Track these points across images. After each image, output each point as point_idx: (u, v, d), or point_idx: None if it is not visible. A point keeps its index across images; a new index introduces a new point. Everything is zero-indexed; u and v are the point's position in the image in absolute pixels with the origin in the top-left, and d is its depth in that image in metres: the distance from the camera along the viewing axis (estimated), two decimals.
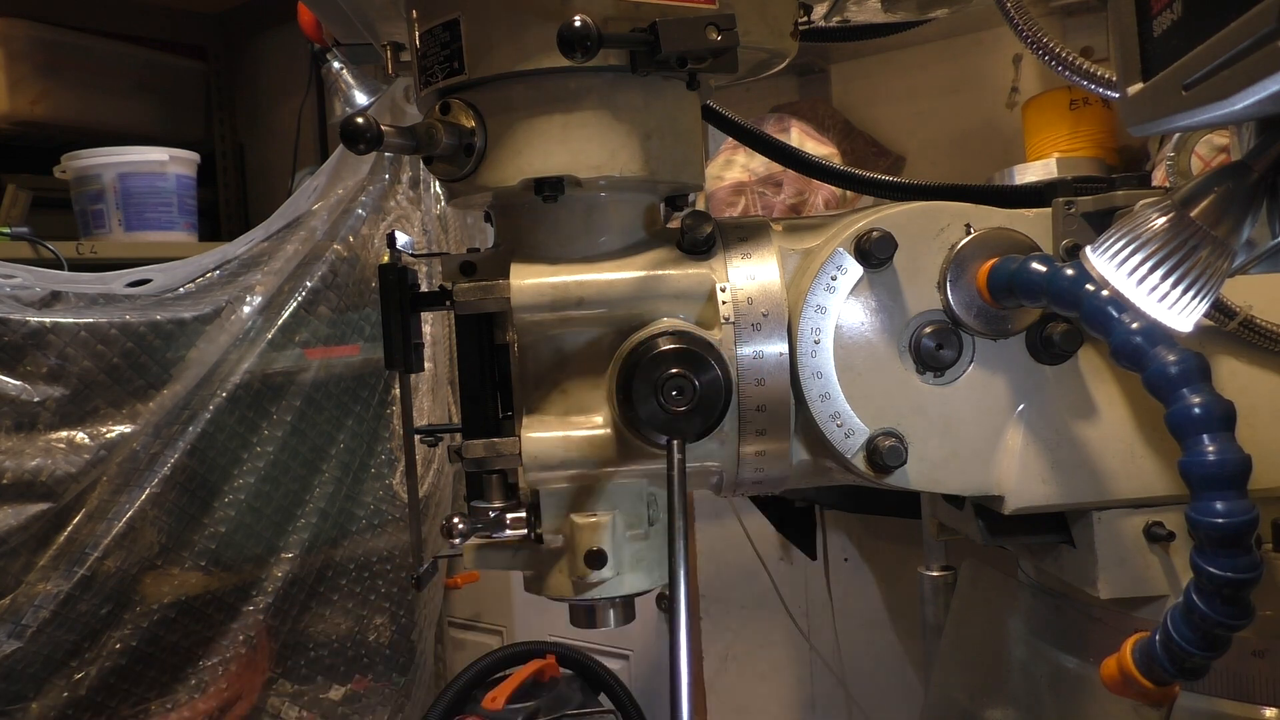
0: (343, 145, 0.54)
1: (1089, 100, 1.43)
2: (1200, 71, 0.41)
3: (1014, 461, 0.69)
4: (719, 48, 0.62)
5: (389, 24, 0.82)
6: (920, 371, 0.69)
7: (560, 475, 0.68)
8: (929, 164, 1.77)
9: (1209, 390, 0.53)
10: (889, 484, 0.69)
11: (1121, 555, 0.70)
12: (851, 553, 1.70)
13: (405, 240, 0.74)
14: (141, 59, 2.54)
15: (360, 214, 1.91)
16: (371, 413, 1.96)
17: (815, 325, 0.67)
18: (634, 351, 0.66)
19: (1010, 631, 0.84)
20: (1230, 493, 0.52)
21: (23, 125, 2.30)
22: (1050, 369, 0.70)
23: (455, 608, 2.24)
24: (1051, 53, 0.68)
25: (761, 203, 1.59)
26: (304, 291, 1.84)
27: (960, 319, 0.68)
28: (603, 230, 0.70)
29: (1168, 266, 0.50)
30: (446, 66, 0.68)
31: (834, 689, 1.73)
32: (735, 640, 1.84)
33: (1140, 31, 0.48)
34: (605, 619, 0.73)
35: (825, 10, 0.90)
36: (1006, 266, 0.65)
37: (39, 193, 2.19)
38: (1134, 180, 0.69)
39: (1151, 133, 0.49)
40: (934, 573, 1.28)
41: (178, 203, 2.18)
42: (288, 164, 2.56)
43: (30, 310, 1.57)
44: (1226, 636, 0.54)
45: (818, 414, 0.67)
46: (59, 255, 1.91)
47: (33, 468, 1.55)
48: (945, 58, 1.72)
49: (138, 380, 1.67)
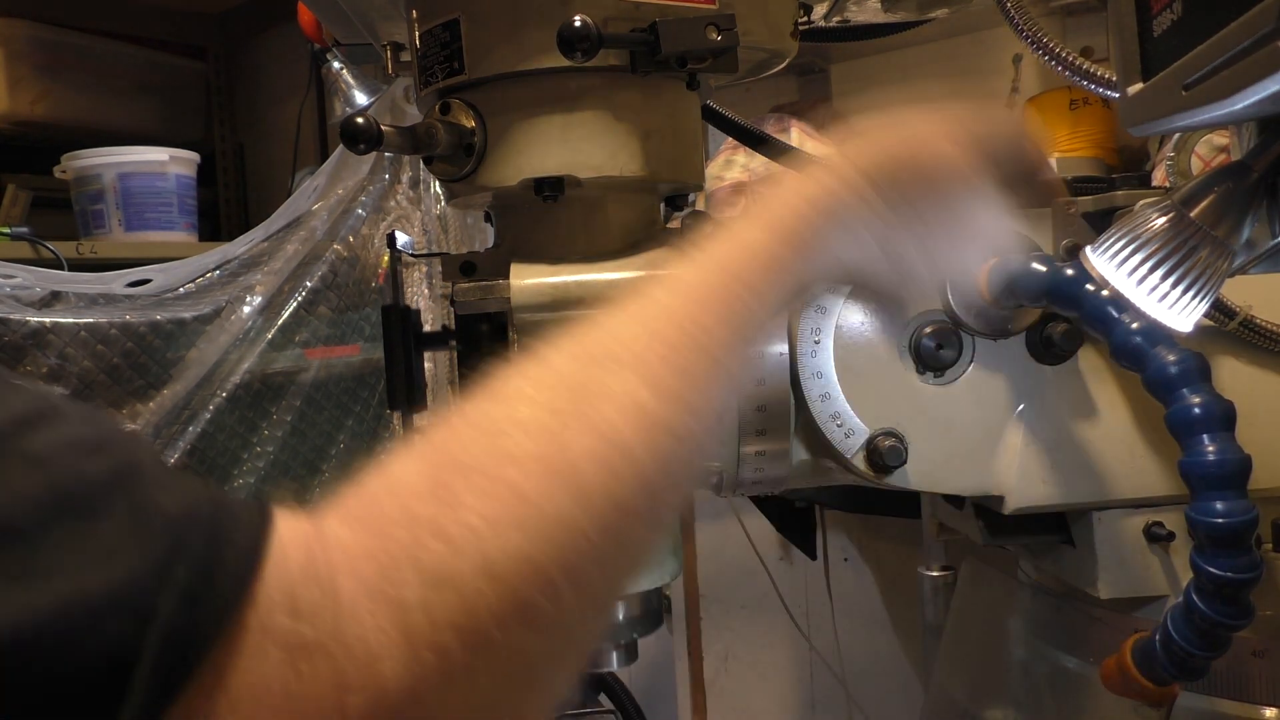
0: (343, 145, 0.55)
1: (1089, 100, 1.43)
2: (1200, 71, 0.41)
3: (1014, 461, 0.69)
4: (719, 48, 0.62)
5: (389, 24, 0.82)
6: (920, 371, 0.69)
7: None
8: None
9: (1209, 390, 0.53)
10: (889, 484, 0.69)
11: (1121, 555, 0.70)
12: (851, 553, 1.70)
13: (405, 240, 0.75)
14: (141, 59, 2.54)
15: (360, 214, 1.90)
16: (371, 413, 1.96)
17: (815, 325, 0.67)
18: None
19: (1010, 631, 0.84)
20: (1230, 493, 0.52)
21: (23, 125, 2.30)
22: (1050, 369, 0.70)
23: None
24: (1051, 53, 0.68)
25: None
26: (304, 291, 1.84)
27: (960, 319, 0.68)
28: (603, 230, 0.70)
29: (1168, 266, 0.50)
30: (446, 66, 0.68)
31: (834, 689, 1.72)
32: (735, 640, 1.84)
33: (1140, 31, 0.48)
34: (609, 660, 0.74)
35: (825, 10, 0.90)
36: (1006, 266, 0.65)
37: (39, 193, 2.18)
38: (1134, 180, 0.69)
39: (1151, 133, 0.49)
40: (934, 573, 1.28)
41: (178, 203, 2.18)
42: (288, 164, 2.56)
43: (30, 310, 1.57)
44: (1226, 636, 0.54)
45: (818, 414, 0.67)
46: (59, 255, 1.91)
47: None
48: (945, 58, 1.72)
49: (138, 380, 1.67)
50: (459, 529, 0.36)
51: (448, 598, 0.35)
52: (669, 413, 0.42)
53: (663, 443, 0.41)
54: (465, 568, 0.35)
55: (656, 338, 0.44)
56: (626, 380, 0.42)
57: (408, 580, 0.35)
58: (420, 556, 0.35)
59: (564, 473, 0.38)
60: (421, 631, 0.34)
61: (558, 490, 0.38)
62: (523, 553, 0.36)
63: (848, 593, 1.70)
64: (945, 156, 0.56)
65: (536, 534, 0.37)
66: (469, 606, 0.35)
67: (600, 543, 0.38)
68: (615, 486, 0.39)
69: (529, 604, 0.36)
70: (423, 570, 0.35)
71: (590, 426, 0.40)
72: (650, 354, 0.43)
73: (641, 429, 0.41)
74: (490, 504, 0.37)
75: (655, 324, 0.44)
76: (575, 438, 0.39)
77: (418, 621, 0.34)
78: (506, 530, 0.36)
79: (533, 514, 0.37)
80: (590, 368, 0.42)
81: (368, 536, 0.36)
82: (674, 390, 0.42)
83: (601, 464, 0.39)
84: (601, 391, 0.41)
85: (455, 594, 0.35)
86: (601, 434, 0.40)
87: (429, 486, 0.38)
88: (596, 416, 0.40)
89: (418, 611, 0.34)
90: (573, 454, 0.39)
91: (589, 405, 0.41)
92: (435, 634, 0.34)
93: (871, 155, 0.55)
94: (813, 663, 1.76)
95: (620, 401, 0.41)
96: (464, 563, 0.35)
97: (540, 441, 0.39)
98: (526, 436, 0.39)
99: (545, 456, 0.38)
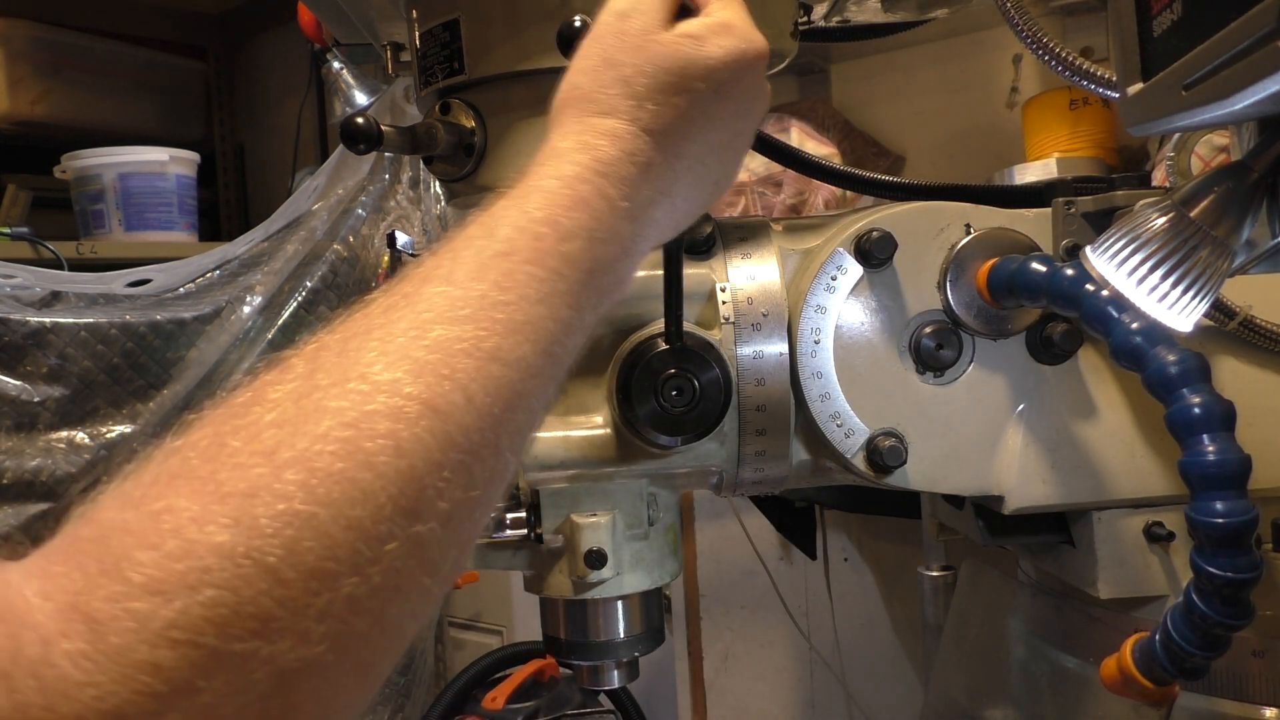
0: (343, 145, 0.55)
1: (1089, 100, 1.43)
2: (1200, 71, 0.41)
3: (1014, 461, 0.69)
4: None
5: (389, 24, 0.82)
6: (920, 371, 0.69)
7: (560, 475, 0.68)
8: (929, 164, 1.77)
9: (1209, 390, 0.53)
10: (889, 484, 0.69)
11: (1121, 555, 0.70)
12: (851, 553, 1.70)
13: (405, 240, 0.75)
14: (141, 59, 2.54)
15: (360, 214, 1.90)
16: None
17: (815, 325, 0.67)
18: (634, 351, 0.66)
19: (1010, 631, 0.84)
20: (1230, 493, 0.52)
21: (23, 125, 2.30)
22: (1050, 369, 0.70)
23: (455, 608, 2.24)
24: (1051, 53, 0.68)
25: (761, 203, 1.59)
26: (304, 291, 1.84)
27: (960, 319, 0.68)
28: None
29: (1168, 266, 0.50)
30: (446, 66, 0.68)
31: (834, 689, 1.72)
32: (735, 640, 1.84)
33: (1140, 31, 0.48)
34: (609, 679, 0.74)
35: (825, 10, 0.90)
36: (1006, 266, 0.65)
37: (39, 193, 2.18)
38: (1134, 180, 0.69)
39: (1151, 133, 0.49)
40: (934, 573, 1.28)
41: (178, 203, 2.18)
42: (288, 164, 2.56)
43: (30, 310, 1.57)
44: (1226, 636, 0.54)
45: (818, 414, 0.67)
46: (59, 255, 1.91)
47: (33, 468, 1.55)
48: (945, 58, 1.72)
49: (138, 380, 1.67)
50: (168, 536, 0.32)
51: (158, 611, 0.31)
52: (429, 394, 0.38)
53: (425, 425, 0.37)
54: (175, 576, 0.32)
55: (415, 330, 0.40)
56: (369, 367, 0.38)
57: (111, 595, 0.31)
58: (123, 569, 0.32)
59: (294, 464, 0.35)
60: (129, 650, 0.31)
61: (291, 484, 0.34)
62: (239, 551, 0.32)
63: (848, 593, 1.70)
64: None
65: (253, 530, 0.33)
66: (184, 618, 0.31)
67: (344, 538, 0.35)
68: (362, 475, 0.35)
69: (258, 608, 0.32)
70: (127, 583, 0.31)
71: (328, 412, 0.36)
72: (403, 337, 0.39)
73: (389, 414, 0.37)
74: (202, 502, 0.33)
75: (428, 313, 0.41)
76: (312, 426, 0.36)
77: (123, 640, 0.31)
78: (218, 531, 0.33)
79: (259, 509, 0.33)
80: (343, 355, 0.39)
81: (62, 559, 0.33)
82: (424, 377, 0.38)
83: (347, 451, 0.36)
84: (342, 380, 0.37)
85: (167, 605, 0.31)
86: (345, 421, 0.36)
87: (140, 494, 0.35)
88: (335, 405, 0.37)
89: (123, 629, 0.31)
90: (305, 444, 0.35)
91: (327, 396, 0.37)
92: (148, 651, 0.31)
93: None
94: (813, 662, 1.76)
95: (353, 396, 0.37)
96: (175, 570, 0.32)
97: (268, 440, 0.36)
98: (256, 431, 0.36)
99: (271, 450, 0.35)
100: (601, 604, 0.71)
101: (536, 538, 0.70)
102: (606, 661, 0.72)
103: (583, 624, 0.71)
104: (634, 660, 0.73)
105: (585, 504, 0.69)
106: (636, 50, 0.52)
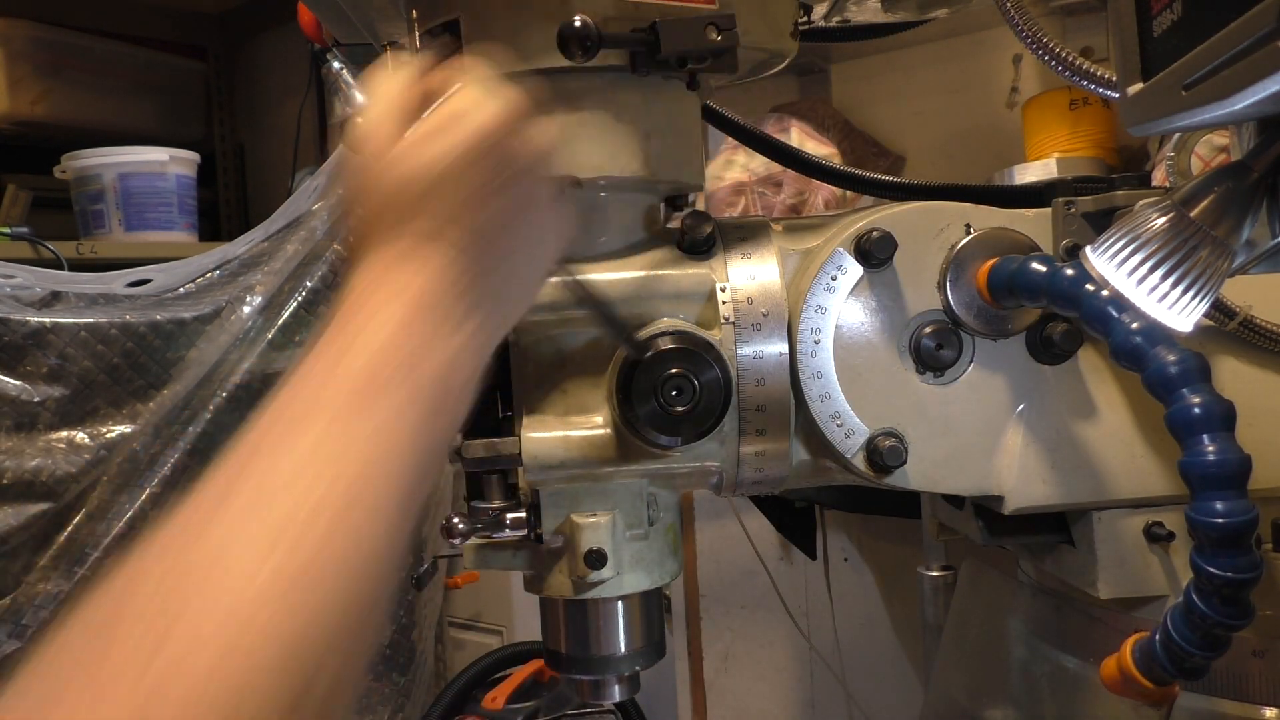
0: (343, 145, 0.54)
1: (1089, 100, 1.43)
2: (1200, 71, 0.41)
3: (1014, 461, 0.69)
4: (719, 48, 0.62)
5: (389, 24, 0.82)
6: (920, 371, 0.69)
7: (560, 475, 0.68)
8: (929, 164, 1.77)
9: (1209, 390, 0.53)
10: (889, 484, 0.69)
11: (1121, 555, 0.70)
12: (851, 553, 1.70)
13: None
14: (141, 59, 2.54)
15: None
16: None
17: (815, 325, 0.67)
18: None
19: (1010, 631, 0.84)
20: (1230, 493, 0.52)
21: (23, 125, 2.30)
22: (1050, 369, 0.70)
23: (455, 608, 2.24)
24: (1051, 53, 0.68)
25: (761, 203, 1.59)
26: (304, 291, 1.84)
27: (960, 319, 0.68)
28: (603, 230, 0.70)
29: (1168, 266, 0.50)
30: None
31: (834, 689, 1.72)
32: (735, 640, 1.84)
33: (1140, 31, 0.48)
34: (610, 693, 0.74)
35: (825, 10, 0.90)
36: (1006, 266, 0.65)
37: (39, 193, 2.18)
38: (1134, 180, 0.69)
39: (1151, 133, 0.49)
40: (934, 573, 1.28)
41: (178, 203, 2.18)
42: (288, 164, 2.56)
43: (30, 310, 1.57)
44: (1226, 636, 0.54)
45: (818, 414, 0.67)
46: (59, 255, 1.91)
47: (33, 468, 1.55)
48: (945, 58, 1.72)
49: (138, 380, 1.67)
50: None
51: None
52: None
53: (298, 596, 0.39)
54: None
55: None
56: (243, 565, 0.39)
57: None
58: None
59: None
60: None
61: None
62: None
63: (848, 593, 1.70)
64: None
65: None
66: None
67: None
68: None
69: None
70: None
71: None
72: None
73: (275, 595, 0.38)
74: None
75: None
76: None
77: None
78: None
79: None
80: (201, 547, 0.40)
81: None
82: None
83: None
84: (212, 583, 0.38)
85: None
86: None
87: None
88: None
89: None
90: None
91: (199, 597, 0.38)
92: None
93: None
94: (813, 662, 1.76)
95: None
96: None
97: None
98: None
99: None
100: (602, 618, 0.71)
101: (536, 538, 0.70)
102: (608, 676, 0.72)
103: (584, 638, 0.72)
104: (635, 674, 0.73)
105: (585, 504, 0.69)
106: (377, 178, 0.51)
